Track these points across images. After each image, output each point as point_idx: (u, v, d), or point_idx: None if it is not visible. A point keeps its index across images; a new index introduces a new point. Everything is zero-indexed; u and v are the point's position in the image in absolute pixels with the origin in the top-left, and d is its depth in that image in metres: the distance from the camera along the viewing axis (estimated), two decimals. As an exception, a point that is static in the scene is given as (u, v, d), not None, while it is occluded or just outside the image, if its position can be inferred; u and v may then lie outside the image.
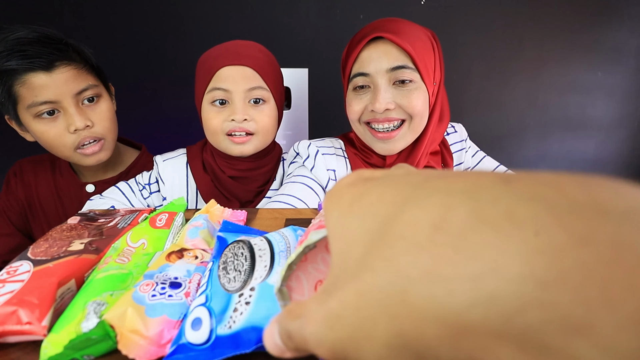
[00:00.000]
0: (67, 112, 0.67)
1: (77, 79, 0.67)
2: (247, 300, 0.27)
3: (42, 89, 0.64)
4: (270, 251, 0.31)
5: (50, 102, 0.65)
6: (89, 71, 0.70)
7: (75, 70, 0.67)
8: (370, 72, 0.61)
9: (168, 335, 0.26)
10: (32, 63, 0.62)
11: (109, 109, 0.74)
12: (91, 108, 0.70)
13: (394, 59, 0.59)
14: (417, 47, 0.60)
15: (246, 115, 0.65)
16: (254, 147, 0.68)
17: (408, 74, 0.60)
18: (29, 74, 0.63)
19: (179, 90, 1.21)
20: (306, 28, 1.30)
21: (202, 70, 0.67)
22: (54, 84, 0.64)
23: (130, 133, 0.93)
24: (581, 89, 1.42)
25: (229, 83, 0.64)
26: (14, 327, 0.26)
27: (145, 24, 1.26)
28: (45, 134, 0.67)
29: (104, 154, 0.73)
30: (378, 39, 0.61)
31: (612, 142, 1.49)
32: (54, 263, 0.32)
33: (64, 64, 0.65)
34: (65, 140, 0.68)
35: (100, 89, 0.72)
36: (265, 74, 0.66)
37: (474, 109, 1.44)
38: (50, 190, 0.81)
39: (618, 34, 1.37)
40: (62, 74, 0.65)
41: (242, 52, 0.65)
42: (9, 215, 0.80)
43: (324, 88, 1.33)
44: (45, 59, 0.63)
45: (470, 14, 1.32)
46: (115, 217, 0.46)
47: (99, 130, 0.71)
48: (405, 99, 0.60)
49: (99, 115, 0.71)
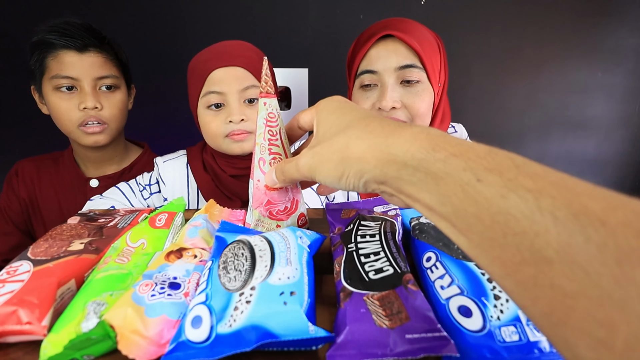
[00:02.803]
0: (83, 91, 0.74)
1: (102, 66, 0.75)
2: (247, 299, 0.27)
3: (70, 66, 0.72)
4: (271, 251, 0.31)
5: (72, 78, 0.73)
6: (115, 64, 0.78)
7: (104, 59, 0.76)
8: (378, 69, 0.60)
9: (168, 335, 0.26)
10: (68, 41, 0.71)
11: (122, 101, 0.80)
12: (106, 95, 0.77)
13: (403, 57, 0.59)
14: (425, 47, 0.60)
15: (242, 115, 0.65)
16: (253, 145, 0.69)
17: (416, 73, 0.60)
18: (63, 50, 0.72)
19: (181, 90, 1.22)
20: (306, 28, 1.30)
21: (194, 75, 0.67)
22: (81, 64, 0.73)
23: (132, 133, 0.93)
24: (581, 89, 1.42)
25: (222, 85, 0.64)
26: (14, 327, 0.26)
27: (145, 24, 1.26)
28: (58, 105, 0.74)
29: (102, 138, 0.78)
30: (387, 37, 0.61)
31: (612, 142, 1.49)
32: (54, 263, 0.32)
33: (95, 50, 0.74)
34: (72, 115, 0.75)
35: (120, 81, 0.79)
36: (257, 72, 0.66)
37: (474, 109, 1.44)
38: (54, 189, 0.82)
39: (618, 34, 1.37)
40: (91, 58, 0.74)
41: (232, 52, 0.65)
42: (9, 214, 0.81)
43: (324, 88, 1.33)
44: (81, 41, 0.72)
45: (470, 14, 1.32)
46: (115, 217, 0.46)
47: (105, 115, 0.77)
48: (412, 99, 0.60)
49: (110, 103, 0.77)
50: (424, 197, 0.21)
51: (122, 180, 0.76)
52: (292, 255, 0.31)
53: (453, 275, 0.30)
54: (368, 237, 0.35)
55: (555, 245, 0.15)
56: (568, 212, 0.15)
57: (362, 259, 0.32)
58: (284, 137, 0.40)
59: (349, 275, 0.30)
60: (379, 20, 0.67)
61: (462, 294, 0.28)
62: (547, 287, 0.15)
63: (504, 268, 0.17)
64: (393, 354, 0.23)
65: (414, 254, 0.36)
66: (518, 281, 0.16)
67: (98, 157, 0.83)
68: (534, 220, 0.16)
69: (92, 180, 0.83)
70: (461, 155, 0.20)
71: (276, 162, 0.39)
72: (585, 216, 0.15)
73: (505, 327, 0.25)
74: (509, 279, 0.17)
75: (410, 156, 0.22)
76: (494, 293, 0.27)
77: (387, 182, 0.24)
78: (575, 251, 0.14)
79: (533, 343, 0.24)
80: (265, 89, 0.39)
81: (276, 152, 0.39)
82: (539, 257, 0.15)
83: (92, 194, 0.74)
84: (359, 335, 0.25)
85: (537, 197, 0.16)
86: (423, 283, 0.32)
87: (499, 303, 0.27)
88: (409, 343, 0.24)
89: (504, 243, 0.17)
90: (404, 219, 0.41)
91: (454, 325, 0.26)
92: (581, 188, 0.16)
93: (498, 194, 0.17)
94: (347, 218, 0.41)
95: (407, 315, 0.25)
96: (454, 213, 0.19)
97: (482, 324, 0.25)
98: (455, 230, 0.20)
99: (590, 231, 0.14)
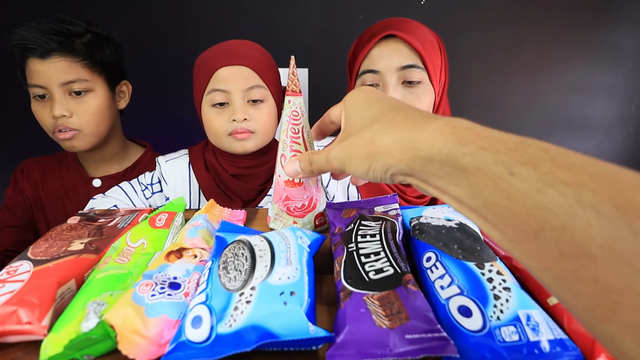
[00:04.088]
0: (53, 98, 0.73)
1: (67, 70, 0.72)
2: (248, 299, 0.27)
3: (36, 74, 0.71)
4: (271, 251, 0.31)
5: (40, 86, 0.72)
6: (85, 66, 0.74)
7: (68, 62, 0.72)
8: (380, 69, 0.60)
9: (168, 335, 0.26)
10: (29, 50, 0.70)
11: (97, 105, 0.77)
12: (76, 100, 0.75)
13: (405, 57, 0.59)
14: (426, 48, 0.60)
15: (246, 114, 0.65)
16: (255, 145, 0.69)
17: (417, 73, 0.60)
18: (30, 58, 0.71)
19: (183, 90, 1.22)
20: (306, 28, 1.30)
21: (200, 72, 0.67)
22: (45, 70, 0.71)
23: (134, 132, 0.93)
24: (581, 89, 1.42)
25: (227, 84, 0.64)
26: (14, 327, 0.26)
27: (146, 24, 1.26)
28: (36, 113, 0.75)
29: (77, 143, 0.77)
30: (389, 37, 0.61)
31: (612, 142, 1.49)
32: (54, 263, 0.32)
33: (58, 55, 0.71)
34: (46, 122, 0.75)
35: (92, 84, 0.76)
36: (263, 73, 0.66)
37: (474, 109, 1.44)
38: (57, 188, 0.83)
39: (618, 34, 1.37)
40: (54, 64, 0.71)
41: (238, 51, 0.65)
42: (14, 210, 0.83)
43: (324, 88, 1.33)
44: (41, 48, 0.70)
45: (470, 14, 1.32)
46: (115, 217, 0.46)
47: (74, 122, 0.75)
48: (413, 100, 0.60)
49: (82, 108, 0.75)
50: (453, 190, 0.21)
51: (125, 180, 0.77)
52: (292, 255, 0.31)
53: (453, 275, 0.30)
54: (368, 237, 0.35)
55: (599, 240, 0.15)
56: (611, 206, 0.15)
57: (362, 258, 0.32)
58: (307, 135, 0.41)
59: (349, 275, 0.30)
60: (378, 20, 0.67)
61: (462, 294, 0.28)
62: (590, 282, 0.15)
63: (541, 262, 0.17)
64: (393, 354, 0.23)
65: (414, 254, 0.36)
66: (557, 275, 0.16)
67: (96, 157, 0.83)
68: (575, 214, 0.15)
69: (95, 180, 0.83)
70: (491, 149, 0.19)
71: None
72: (632, 210, 0.14)
73: (505, 327, 0.25)
74: (546, 272, 0.17)
75: (437, 151, 0.22)
76: (494, 293, 0.27)
77: (415, 175, 0.24)
78: (621, 246, 0.14)
79: (533, 343, 0.24)
80: (290, 87, 0.40)
81: (297, 149, 0.40)
82: (580, 252, 0.15)
83: (95, 194, 0.74)
84: (359, 335, 0.25)
85: (576, 191, 0.16)
86: (423, 283, 0.32)
87: (499, 303, 0.27)
88: (408, 343, 0.24)
89: (542, 237, 0.16)
90: (404, 219, 0.41)
91: (454, 325, 0.26)
92: (623, 179, 0.15)
93: (534, 188, 0.17)
94: (347, 218, 0.41)
95: (407, 316, 0.25)
96: (486, 206, 0.19)
97: (482, 324, 0.25)
98: (488, 223, 0.19)
99: (638, 226, 0.14)
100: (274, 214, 0.43)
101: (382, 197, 0.46)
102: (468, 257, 0.31)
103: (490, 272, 0.30)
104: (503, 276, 0.29)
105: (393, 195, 0.46)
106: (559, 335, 0.25)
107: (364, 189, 0.70)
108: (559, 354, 0.24)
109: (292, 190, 0.41)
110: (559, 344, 0.24)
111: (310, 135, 0.41)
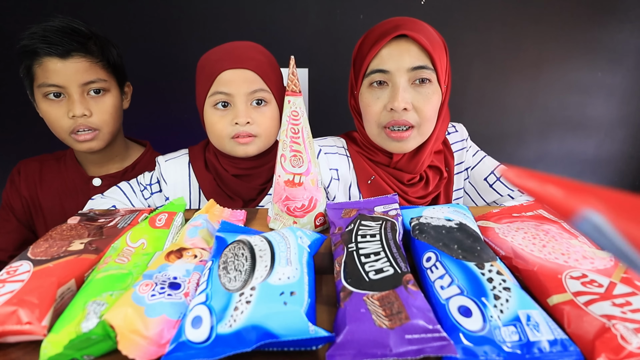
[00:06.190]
0: (71, 98, 0.72)
1: (87, 70, 0.73)
2: (247, 299, 0.27)
3: (54, 73, 0.70)
4: (271, 251, 0.31)
5: (58, 86, 0.71)
6: (103, 67, 0.76)
7: (88, 62, 0.73)
8: (390, 69, 0.60)
9: (168, 335, 0.26)
10: (50, 48, 0.69)
11: (113, 104, 0.78)
12: (95, 100, 0.75)
13: (416, 58, 0.60)
14: (435, 48, 0.60)
15: (249, 118, 0.65)
16: (257, 148, 0.68)
17: (427, 74, 0.60)
18: (47, 57, 0.70)
19: (183, 90, 1.22)
20: (306, 28, 1.30)
21: (203, 74, 0.67)
22: (65, 70, 0.71)
23: (134, 132, 0.93)
24: (581, 89, 1.42)
25: (230, 87, 0.64)
26: (14, 327, 0.26)
27: (146, 24, 1.26)
28: (48, 113, 0.73)
29: (95, 144, 0.77)
30: (399, 37, 0.61)
31: (612, 142, 1.49)
32: (54, 263, 0.32)
33: (79, 55, 0.72)
34: (62, 123, 0.73)
35: (108, 84, 0.77)
36: (266, 76, 0.66)
37: (474, 109, 1.44)
38: (56, 188, 0.83)
39: (618, 34, 1.37)
40: (75, 64, 0.71)
41: (242, 54, 0.65)
42: (13, 211, 0.82)
43: (324, 88, 1.33)
44: (63, 47, 0.70)
45: (470, 13, 1.32)
46: (115, 217, 0.46)
47: (95, 121, 0.75)
48: (422, 102, 0.60)
49: (100, 108, 0.75)
50: None
51: (125, 179, 0.76)
52: (292, 255, 0.31)
53: (453, 275, 0.30)
54: (368, 237, 0.35)
55: None
56: None
57: (362, 258, 0.32)
58: (307, 135, 0.41)
59: (349, 275, 0.30)
60: (379, 21, 0.66)
61: (462, 294, 0.28)
62: None
63: None
64: (392, 354, 0.23)
65: (414, 254, 0.36)
66: None
67: (98, 158, 0.83)
68: None
69: (95, 179, 0.83)
70: None
71: (296, 159, 0.40)
72: None
73: (505, 327, 0.25)
74: None
75: None
76: (494, 293, 0.27)
77: None
78: None
79: (533, 343, 0.24)
80: (290, 87, 0.40)
81: (297, 149, 0.40)
82: None
83: (95, 193, 0.74)
84: (359, 335, 0.25)
85: None
86: (423, 283, 0.32)
87: (499, 303, 0.27)
88: (408, 343, 0.24)
89: None
90: (404, 219, 0.41)
91: (454, 325, 0.26)
92: None
93: None
94: (347, 218, 0.41)
95: (407, 316, 0.25)
96: None
97: (482, 324, 0.25)
98: None
99: None
100: (274, 214, 0.43)
101: (382, 197, 0.46)
102: (468, 257, 0.31)
103: (490, 272, 0.29)
104: (503, 276, 0.29)
105: (393, 195, 0.46)
106: (559, 335, 0.25)
107: (365, 189, 0.70)
108: (559, 354, 0.24)
109: (292, 190, 0.41)
110: (559, 344, 0.24)
111: (310, 135, 0.41)
